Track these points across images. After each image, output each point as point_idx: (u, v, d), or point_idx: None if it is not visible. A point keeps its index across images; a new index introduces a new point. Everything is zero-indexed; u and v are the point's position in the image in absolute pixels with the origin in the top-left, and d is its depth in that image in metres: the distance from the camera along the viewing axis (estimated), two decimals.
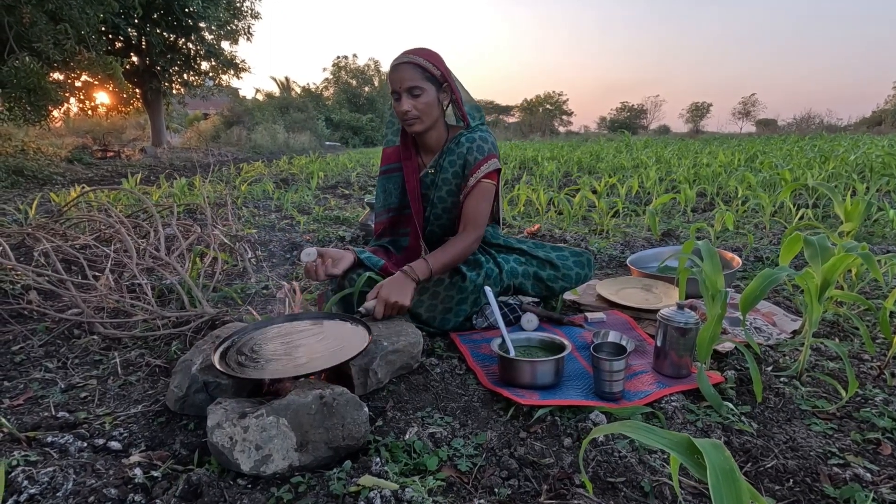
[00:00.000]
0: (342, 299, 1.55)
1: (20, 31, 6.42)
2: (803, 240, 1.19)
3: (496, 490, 0.88)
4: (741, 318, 1.17)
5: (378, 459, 0.92)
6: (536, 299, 1.72)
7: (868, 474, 0.90)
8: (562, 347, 1.28)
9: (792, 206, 3.15)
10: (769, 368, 1.30)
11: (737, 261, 1.98)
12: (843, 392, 1.16)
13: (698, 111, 43.43)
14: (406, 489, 0.84)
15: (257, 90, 27.92)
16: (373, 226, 2.86)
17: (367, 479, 0.85)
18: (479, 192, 1.54)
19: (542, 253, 1.70)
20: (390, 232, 1.80)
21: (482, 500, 0.86)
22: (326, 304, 1.53)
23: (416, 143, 1.67)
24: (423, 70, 1.48)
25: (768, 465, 0.93)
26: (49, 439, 1.01)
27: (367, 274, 1.50)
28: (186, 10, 11.91)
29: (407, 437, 1.01)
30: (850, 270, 1.84)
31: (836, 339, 1.50)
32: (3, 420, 1.01)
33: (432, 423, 1.08)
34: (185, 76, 14.35)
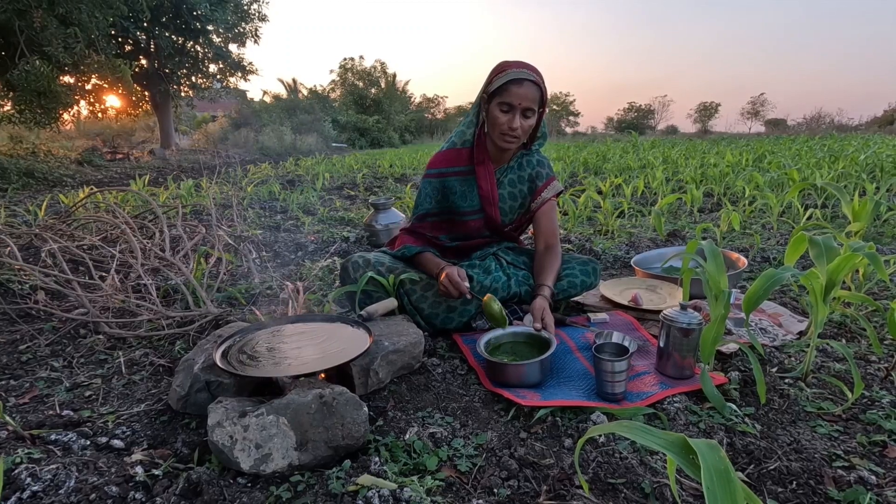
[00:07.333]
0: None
1: (31, 34, 6.51)
2: (808, 239, 1.17)
3: (495, 490, 0.88)
4: (745, 318, 1.15)
5: (377, 459, 0.92)
6: None
7: (873, 477, 0.88)
8: (547, 343, 1.29)
9: (800, 207, 3.11)
10: (774, 370, 1.29)
11: (743, 261, 1.97)
12: (849, 394, 1.14)
13: (706, 111, 42.95)
14: (404, 489, 0.84)
15: (265, 92, 28.07)
16: (377, 226, 2.88)
17: (365, 479, 0.85)
18: (552, 211, 1.67)
19: None
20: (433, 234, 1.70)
21: (481, 501, 0.86)
22: (329, 296, 1.56)
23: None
24: (540, 94, 1.45)
25: (771, 467, 0.92)
26: (53, 437, 1.02)
27: (370, 273, 1.52)
28: (194, 13, 12.05)
29: (407, 436, 1.01)
30: (857, 271, 1.81)
31: (843, 341, 1.48)
32: (8, 418, 1.02)
33: (433, 423, 1.07)
34: (193, 78, 14.51)
